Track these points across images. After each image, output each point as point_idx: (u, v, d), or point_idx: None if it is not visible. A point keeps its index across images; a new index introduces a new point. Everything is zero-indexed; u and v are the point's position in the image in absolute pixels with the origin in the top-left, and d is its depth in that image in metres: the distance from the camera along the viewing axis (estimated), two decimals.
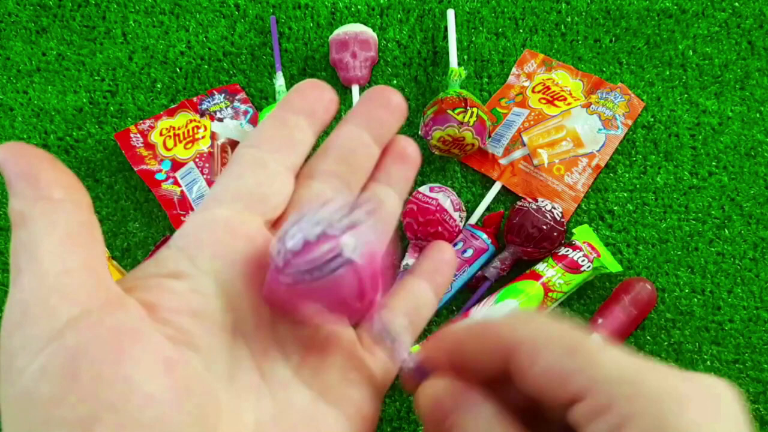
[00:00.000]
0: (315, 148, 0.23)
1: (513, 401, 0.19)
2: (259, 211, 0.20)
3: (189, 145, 0.58)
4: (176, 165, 0.58)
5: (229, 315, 0.18)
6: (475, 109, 0.54)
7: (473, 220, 0.56)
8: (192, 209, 0.56)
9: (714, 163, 0.59)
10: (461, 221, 0.55)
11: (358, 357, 0.21)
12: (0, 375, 0.15)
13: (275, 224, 0.21)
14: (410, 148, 0.23)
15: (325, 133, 0.26)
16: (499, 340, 0.18)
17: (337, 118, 0.34)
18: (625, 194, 0.58)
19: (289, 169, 0.21)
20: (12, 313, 0.15)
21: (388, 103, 0.22)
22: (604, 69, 0.62)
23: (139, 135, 0.59)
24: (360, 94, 0.61)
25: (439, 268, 0.24)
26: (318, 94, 0.22)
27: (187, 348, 0.17)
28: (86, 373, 0.15)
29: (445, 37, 0.61)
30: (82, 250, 0.17)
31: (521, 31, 0.64)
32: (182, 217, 0.56)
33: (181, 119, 0.59)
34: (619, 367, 0.16)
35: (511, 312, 0.18)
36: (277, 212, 0.21)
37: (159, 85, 0.62)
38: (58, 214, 0.16)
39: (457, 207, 0.54)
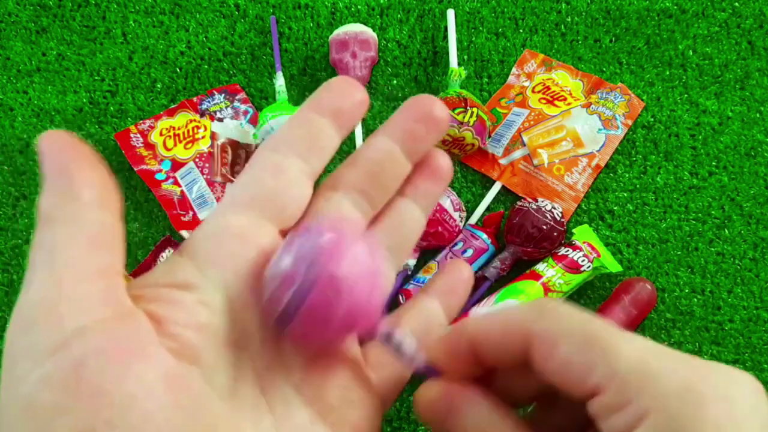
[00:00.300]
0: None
1: (533, 386, 0.19)
2: (274, 219, 0.20)
3: (189, 145, 0.58)
4: (176, 165, 0.58)
5: (235, 329, 0.18)
6: (475, 109, 0.54)
7: (473, 220, 0.56)
8: (192, 209, 0.56)
9: (714, 163, 0.59)
10: (461, 221, 0.55)
11: (361, 377, 0.21)
12: (2, 377, 0.15)
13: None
14: (444, 164, 0.22)
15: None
16: (518, 331, 0.17)
17: None
18: (625, 194, 0.58)
19: (309, 176, 0.20)
20: (21, 316, 0.15)
21: (428, 115, 0.21)
22: (604, 69, 0.62)
23: (139, 135, 0.59)
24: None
25: (454, 289, 0.23)
26: (348, 94, 0.21)
27: (190, 363, 0.17)
28: (88, 387, 0.15)
29: (445, 37, 0.61)
30: (100, 257, 0.16)
31: (521, 31, 0.64)
32: (182, 217, 0.56)
33: (181, 119, 0.59)
34: (639, 360, 0.15)
35: (532, 301, 0.18)
36: (293, 221, 0.20)
37: (159, 85, 0.62)
38: (84, 217, 0.16)
39: (457, 207, 0.54)
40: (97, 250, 0.16)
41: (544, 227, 0.52)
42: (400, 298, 0.53)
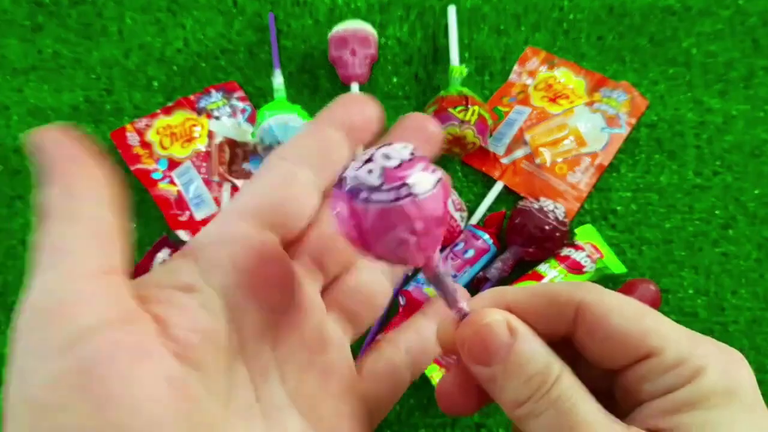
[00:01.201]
0: None
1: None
2: (279, 229, 0.20)
3: (186, 144, 0.57)
4: (173, 164, 0.57)
5: (233, 334, 0.18)
6: (476, 108, 0.54)
7: (475, 220, 0.56)
8: (189, 209, 0.55)
9: (718, 163, 0.58)
10: (462, 221, 0.54)
11: (354, 388, 0.21)
12: (10, 373, 0.15)
13: (292, 244, 0.21)
14: None
15: None
16: (567, 302, 0.18)
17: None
18: (629, 194, 0.57)
19: (318, 188, 0.20)
20: (28, 314, 0.15)
21: (424, 131, 0.22)
22: (608, 67, 0.61)
23: (135, 133, 0.58)
24: (360, 91, 0.60)
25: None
26: (361, 110, 0.21)
27: (191, 367, 0.17)
28: (95, 389, 0.14)
29: (446, 34, 0.61)
30: (103, 256, 0.16)
31: (523, 28, 0.63)
32: (179, 217, 0.55)
33: (177, 117, 0.59)
34: (682, 330, 0.18)
35: (570, 281, 0.18)
36: (296, 232, 0.20)
37: (155, 83, 0.61)
38: (86, 214, 0.16)
39: (458, 207, 0.54)
40: (100, 249, 0.16)
41: (547, 227, 0.51)
42: (400, 299, 0.52)
